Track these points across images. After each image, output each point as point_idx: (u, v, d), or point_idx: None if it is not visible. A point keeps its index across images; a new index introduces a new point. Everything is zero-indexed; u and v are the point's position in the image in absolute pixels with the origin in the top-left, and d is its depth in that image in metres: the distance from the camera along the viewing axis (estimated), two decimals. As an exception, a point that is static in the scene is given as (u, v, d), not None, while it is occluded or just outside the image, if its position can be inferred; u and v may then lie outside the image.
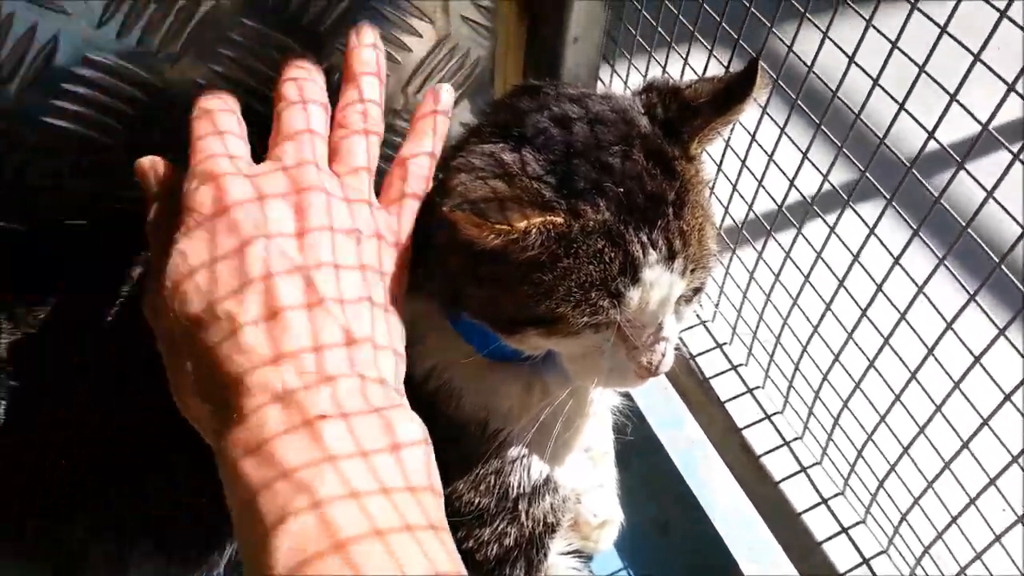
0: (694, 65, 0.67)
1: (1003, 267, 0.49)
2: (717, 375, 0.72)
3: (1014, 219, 0.47)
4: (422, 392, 0.54)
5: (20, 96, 0.57)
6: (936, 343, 0.54)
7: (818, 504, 0.66)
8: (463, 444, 0.55)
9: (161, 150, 0.64)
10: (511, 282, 0.47)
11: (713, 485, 0.74)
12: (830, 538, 0.65)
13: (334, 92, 0.68)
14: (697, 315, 0.77)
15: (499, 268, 0.47)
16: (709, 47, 0.64)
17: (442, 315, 0.54)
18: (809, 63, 0.58)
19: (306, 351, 0.39)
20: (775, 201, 0.65)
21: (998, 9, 0.45)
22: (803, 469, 0.67)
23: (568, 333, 0.48)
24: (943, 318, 0.54)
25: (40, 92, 0.58)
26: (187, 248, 0.42)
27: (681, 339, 0.69)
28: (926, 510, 0.60)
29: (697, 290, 0.52)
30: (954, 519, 0.56)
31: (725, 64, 0.63)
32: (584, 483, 0.65)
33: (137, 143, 0.63)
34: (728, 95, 0.50)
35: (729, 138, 0.64)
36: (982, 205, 0.49)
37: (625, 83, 0.73)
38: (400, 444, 0.39)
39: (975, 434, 0.53)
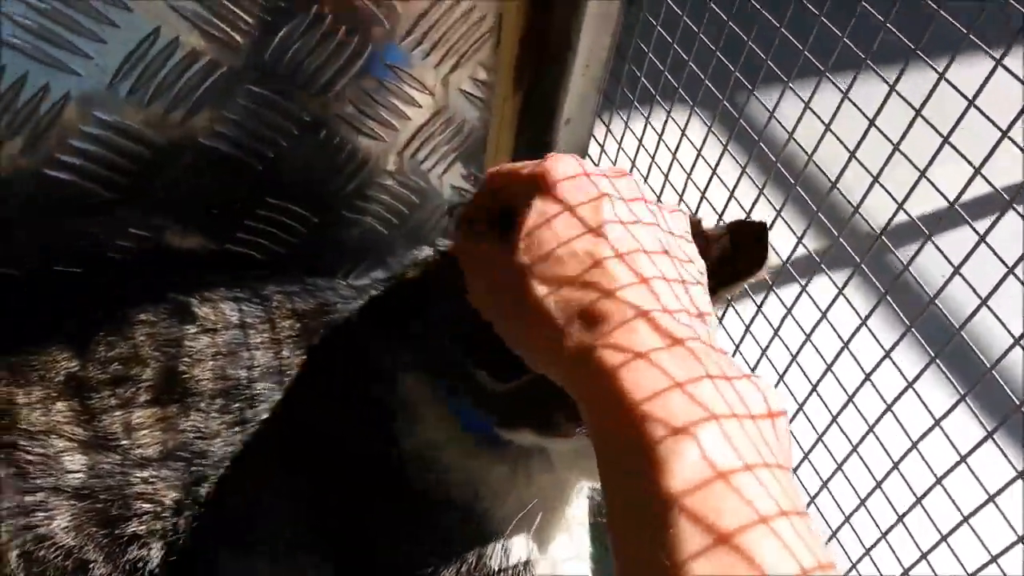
0: (681, 130, 0.70)
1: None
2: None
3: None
4: (408, 469, 0.56)
5: (26, 149, 0.58)
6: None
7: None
8: (445, 523, 0.56)
9: (162, 204, 0.66)
10: (513, 384, 0.48)
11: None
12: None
13: (332, 149, 0.70)
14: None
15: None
16: (699, 148, 0.67)
17: (437, 393, 0.56)
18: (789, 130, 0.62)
19: (663, 286, 0.41)
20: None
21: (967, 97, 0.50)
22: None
23: (561, 435, 0.50)
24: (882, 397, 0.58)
25: (46, 146, 0.59)
26: (543, 207, 0.43)
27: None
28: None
29: None
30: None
31: (721, 150, 0.66)
32: (560, 554, 0.66)
33: (137, 196, 0.65)
34: (736, 270, 0.50)
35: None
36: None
37: (614, 163, 0.76)
38: (750, 375, 0.39)
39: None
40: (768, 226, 0.50)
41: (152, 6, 0.56)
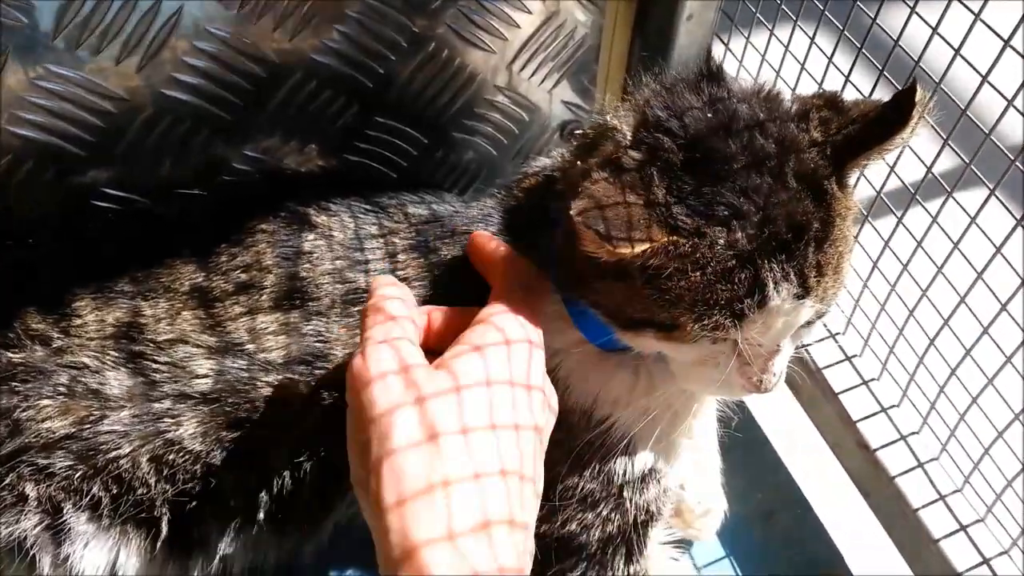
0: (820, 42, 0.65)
1: None
2: (830, 366, 0.70)
3: None
4: None
5: (142, 67, 0.58)
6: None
7: (935, 501, 0.63)
8: (568, 430, 0.54)
9: (275, 125, 0.65)
10: (635, 283, 0.46)
11: (819, 477, 0.72)
12: (947, 536, 0.62)
13: (441, 64, 0.68)
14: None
15: (624, 270, 0.46)
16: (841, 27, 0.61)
17: (556, 300, 0.53)
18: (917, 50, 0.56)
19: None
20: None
21: None
22: (920, 465, 0.65)
23: (685, 340, 0.47)
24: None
25: (163, 65, 0.59)
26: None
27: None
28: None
29: (821, 314, 0.50)
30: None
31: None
32: (688, 470, 0.63)
33: (252, 117, 0.64)
34: (884, 122, 0.47)
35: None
36: None
37: (740, 62, 0.71)
38: None
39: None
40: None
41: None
